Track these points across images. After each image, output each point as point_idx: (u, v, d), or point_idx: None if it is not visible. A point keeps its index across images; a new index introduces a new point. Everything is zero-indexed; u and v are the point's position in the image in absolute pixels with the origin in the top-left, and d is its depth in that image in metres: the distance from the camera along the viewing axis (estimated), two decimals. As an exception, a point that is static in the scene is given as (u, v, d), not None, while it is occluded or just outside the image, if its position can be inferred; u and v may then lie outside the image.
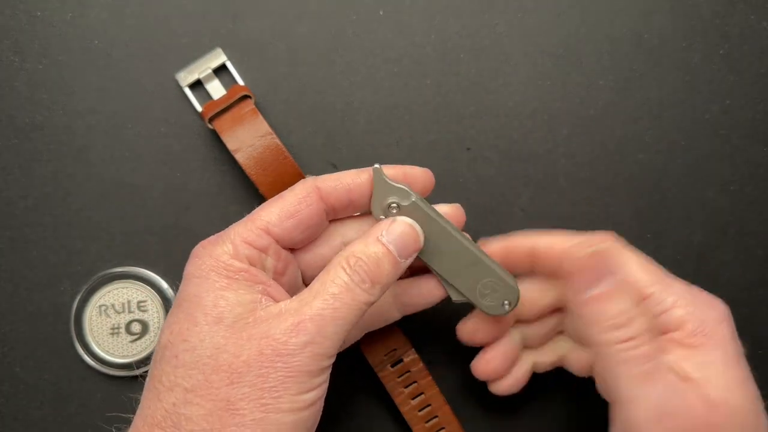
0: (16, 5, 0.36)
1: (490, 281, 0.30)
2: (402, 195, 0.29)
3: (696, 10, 0.37)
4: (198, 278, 0.26)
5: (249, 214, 0.28)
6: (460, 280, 0.30)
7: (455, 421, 0.35)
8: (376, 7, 0.36)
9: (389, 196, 0.29)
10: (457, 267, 0.30)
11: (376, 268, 0.27)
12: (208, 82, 0.36)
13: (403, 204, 0.29)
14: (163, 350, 0.26)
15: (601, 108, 0.37)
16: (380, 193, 0.29)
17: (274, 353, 0.24)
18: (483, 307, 0.30)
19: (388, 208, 0.29)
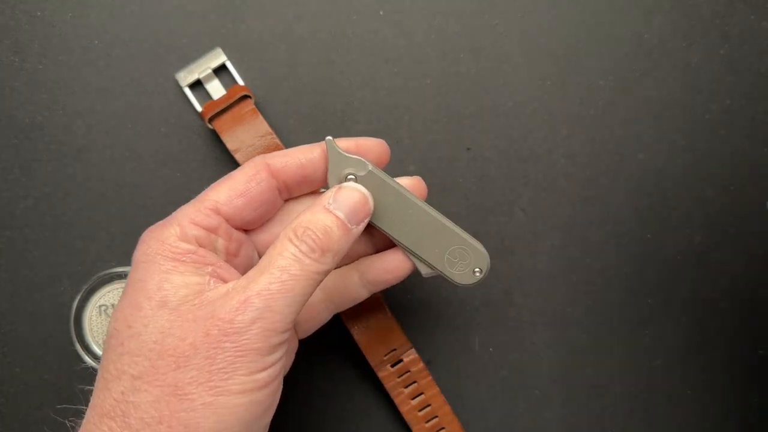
0: (16, 5, 0.36)
1: (458, 249, 0.29)
2: (358, 165, 0.28)
3: (696, 10, 0.37)
4: (144, 263, 0.26)
5: (198, 196, 0.28)
6: (427, 250, 0.29)
7: (455, 421, 0.35)
8: (376, 7, 0.36)
9: (345, 168, 0.28)
10: (423, 236, 0.29)
11: (325, 236, 0.26)
12: (208, 82, 0.36)
13: (359, 174, 0.28)
14: (110, 339, 0.25)
15: (601, 108, 0.37)
16: (335, 165, 0.28)
17: (220, 333, 0.24)
18: (453, 277, 0.30)
19: (345, 180, 0.28)
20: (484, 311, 0.36)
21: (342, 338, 0.36)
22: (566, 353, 0.36)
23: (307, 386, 0.36)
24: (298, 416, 0.36)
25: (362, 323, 0.34)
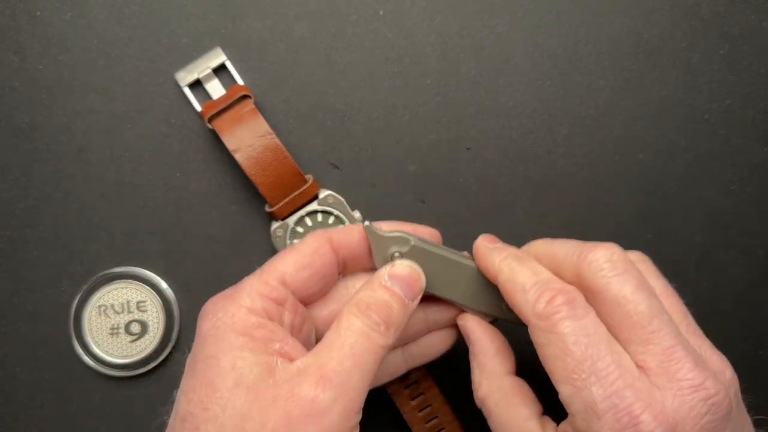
0: (16, 5, 0.36)
1: None
2: (401, 242, 0.29)
3: (696, 10, 0.37)
4: (213, 337, 0.24)
5: (261, 267, 0.27)
6: (483, 302, 0.30)
7: (456, 422, 0.35)
8: (376, 7, 0.36)
9: (389, 248, 0.29)
10: (476, 291, 0.30)
11: (387, 310, 0.26)
12: (207, 82, 0.36)
13: (403, 250, 0.29)
14: (183, 423, 0.24)
15: (601, 108, 0.37)
16: (378, 247, 0.29)
17: (302, 414, 0.23)
18: (513, 319, 0.29)
19: (391, 258, 0.29)
20: (484, 311, 0.36)
21: (342, 338, 0.36)
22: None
23: (306, 386, 0.36)
24: (298, 416, 0.36)
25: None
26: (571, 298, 0.25)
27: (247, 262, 0.36)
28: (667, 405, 0.23)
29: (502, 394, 0.27)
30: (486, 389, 0.28)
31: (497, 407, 0.27)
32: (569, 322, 0.24)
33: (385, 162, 0.37)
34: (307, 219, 0.35)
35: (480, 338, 0.29)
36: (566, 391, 0.24)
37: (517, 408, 0.27)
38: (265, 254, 0.36)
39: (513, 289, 0.26)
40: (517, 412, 0.27)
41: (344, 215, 0.35)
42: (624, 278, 0.24)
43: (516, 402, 0.27)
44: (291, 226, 0.35)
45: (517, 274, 0.27)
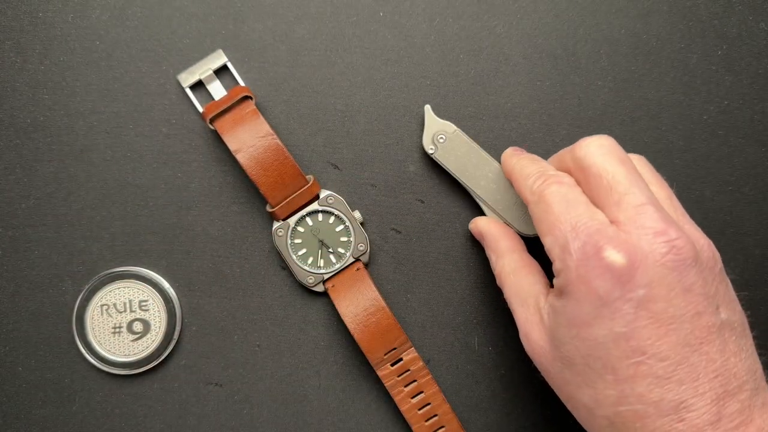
0: (18, 6, 0.36)
1: (523, 203, 0.35)
2: (447, 127, 0.35)
3: (694, 11, 0.37)
4: None
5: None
6: (496, 201, 0.35)
7: (455, 420, 0.35)
8: (376, 9, 0.37)
9: (437, 130, 0.35)
10: (493, 189, 0.35)
11: None
12: (209, 83, 0.36)
13: (449, 133, 0.35)
14: None
15: (600, 108, 0.37)
16: (429, 127, 0.35)
17: None
18: (517, 226, 0.35)
19: (436, 138, 0.35)
20: (483, 310, 0.37)
21: (342, 337, 0.36)
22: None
23: (306, 385, 0.36)
24: (299, 415, 0.36)
25: (362, 322, 0.34)
26: (560, 178, 0.29)
27: (248, 261, 0.36)
28: (631, 241, 0.26)
29: (513, 267, 0.32)
30: (501, 265, 0.32)
31: (510, 276, 0.31)
32: (554, 188, 0.28)
33: (385, 162, 0.37)
34: (308, 219, 0.35)
35: (491, 229, 0.34)
36: (548, 242, 0.28)
37: (527, 276, 0.31)
38: (265, 254, 0.36)
39: (520, 179, 0.31)
40: (526, 278, 0.31)
41: (344, 215, 0.35)
42: (608, 156, 0.28)
43: (526, 272, 0.31)
44: (292, 226, 0.35)
45: (526, 168, 0.31)
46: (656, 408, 0.25)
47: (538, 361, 0.29)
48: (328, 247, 0.36)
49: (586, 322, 0.26)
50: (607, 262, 0.25)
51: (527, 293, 0.30)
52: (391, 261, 0.37)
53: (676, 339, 0.26)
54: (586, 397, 0.27)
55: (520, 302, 0.30)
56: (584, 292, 0.26)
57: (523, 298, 0.30)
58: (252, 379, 0.36)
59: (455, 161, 0.35)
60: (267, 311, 0.36)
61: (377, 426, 0.36)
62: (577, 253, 0.26)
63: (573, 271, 0.26)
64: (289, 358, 0.36)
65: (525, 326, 0.30)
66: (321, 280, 0.35)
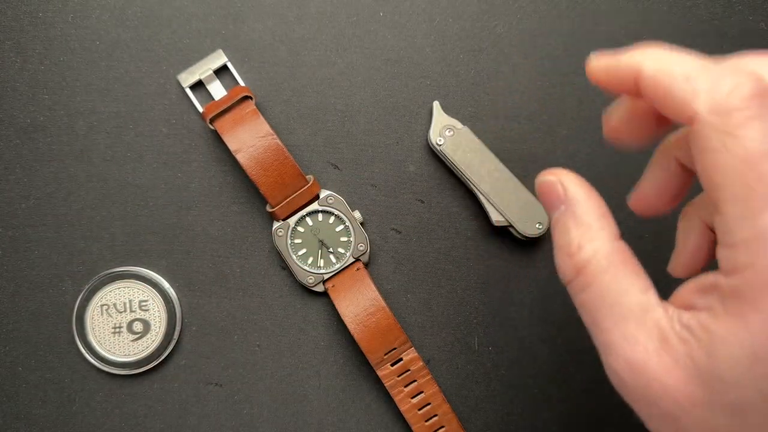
0: (18, 6, 0.36)
1: (526, 203, 0.35)
2: (455, 124, 0.36)
3: (694, 11, 0.37)
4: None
5: None
6: (500, 200, 0.35)
7: (455, 420, 0.35)
8: (376, 9, 0.37)
9: (444, 125, 0.36)
10: (497, 187, 0.35)
11: None
12: (209, 83, 0.36)
13: (457, 129, 0.35)
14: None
15: (600, 109, 0.37)
16: (437, 123, 0.36)
17: None
18: (518, 226, 0.35)
19: (444, 133, 0.36)
20: (483, 310, 0.37)
21: (342, 337, 0.36)
22: (565, 352, 0.36)
23: (306, 385, 0.36)
24: (298, 415, 0.36)
25: (362, 322, 0.34)
26: (764, 89, 0.18)
27: (248, 261, 0.36)
28: None
29: (611, 260, 0.21)
30: (590, 252, 0.21)
31: (605, 274, 0.21)
32: (759, 124, 0.18)
33: (385, 162, 0.37)
34: (308, 219, 0.35)
35: (582, 196, 0.23)
36: (735, 212, 0.18)
37: (630, 277, 0.21)
38: (265, 254, 0.36)
39: (667, 81, 0.20)
40: (631, 282, 0.21)
41: (344, 215, 0.35)
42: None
43: (629, 270, 0.21)
44: (292, 226, 0.35)
45: (671, 63, 0.20)
46: None
47: (650, 398, 0.20)
48: (328, 247, 0.36)
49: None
50: None
51: (636, 303, 0.21)
52: (391, 261, 0.37)
53: None
54: None
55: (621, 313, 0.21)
56: None
57: (629, 309, 0.21)
58: (252, 379, 0.36)
59: (461, 156, 0.35)
60: (267, 311, 0.36)
61: (377, 426, 0.36)
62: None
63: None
64: (289, 358, 0.36)
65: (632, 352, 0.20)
66: (321, 280, 0.35)
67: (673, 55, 0.20)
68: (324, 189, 0.36)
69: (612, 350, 0.21)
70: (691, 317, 0.20)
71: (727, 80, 0.19)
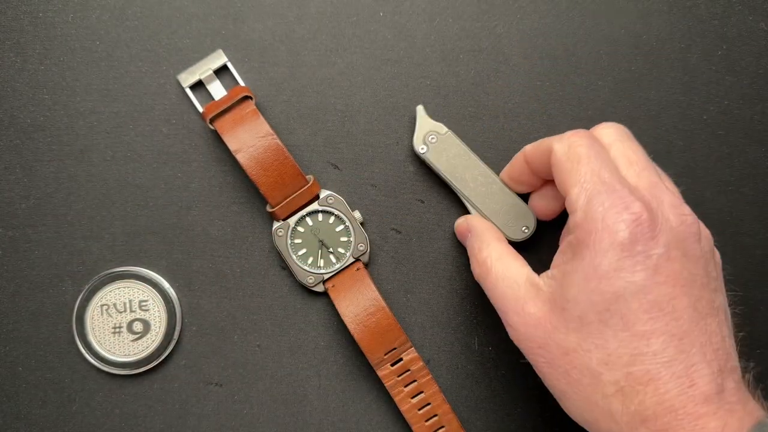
0: (18, 6, 0.36)
1: (512, 207, 0.35)
2: (439, 128, 0.35)
3: (694, 11, 0.37)
4: None
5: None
6: (485, 205, 0.35)
7: (455, 420, 0.35)
8: (376, 9, 0.37)
9: (428, 130, 0.35)
10: (483, 193, 0.35)
11: None
12: (209, 83, 0.36)
13: (440, 134, 0.35)
14: None
15: (600, 108, 0.37)
16: (421, 127, 0.35)
17: None
18: (504, 230, 0.35)
19: (427, 138, 0.35)
20: (483, 310, 0.37)
21: (342, 337, 0.36)
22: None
23: (306, 385, 0.36)
24: (298, 415, 0.36)
25: (362, 322, 0.34)
26: (591, 136, 0.30)
27: (248, 261, 0.36)
28: (653, 204, 0.27)
29: (499, 254, 0.32)
30: (486, 252, 0.32)
31: (497, 263, 0.31)
32: (586, 141, 0.29)
33: (385, 162, 0.37)
34: (308, 219, 0.35)
35: (480, 223, 0.34)
36: (574, 192, 0.28)
37: (514, 261, 0.31)
38: (265, 254, 0.36)
39: (547, 139, 0.31)
40: (514, 263, 0.31)
41: (344, 215, 0.35)
42: (630, 138, 0.31)
43: (513, 257, 0.31)
44: (292, 226, 0.35)
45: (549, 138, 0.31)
46: (668, 369, 0.26)
47: (532, 335, 0.28)
48: (328, 247, 0.36)
49: (606, 273, 0.26)
50: (635, 215, 0.26)
51: (517, 274, 0.30)
52: (391, 261, 0.37)
53: (688, 302, 0.26)
54: (594, 361, 0.27)
55: (509, 284, 0.30)
56: (608, 242, 0.26)
57: (513, 279, 0.30)
58: (252, 379, 0.36)
59: (445, 162, 0.35)
60: (267, 311, 0.36)
61: (377, 426, 0.36)
62: (606, 203, 0.27)
63: (599, 221, 0.26)
64: (289, 358, 0.36)
65: (516, 304, 0.29)
66: (321, 280, 0.35)
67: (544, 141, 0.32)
68: (324, 189, 0.36)
69: (506, 308, 0.30)
70: (555, 270, 0.29)
71: (570, 133, 0.30)
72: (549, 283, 0.29)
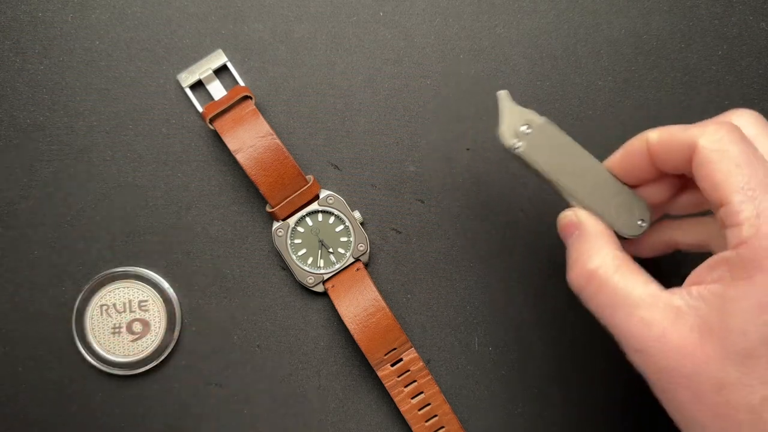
0: (18, 6, 0.36)
1: (623, 199, 0.30)
2: (533, 117, 0.29)
3: (694, 11, 0.37)
4: None
5: None
6: (594, 199, 0.29)
7: (455, 420, 0.35)
8: (376, 9, 0.37)
9: (520, 120, 0.29)
10: (591, 186, 0.29)
11: None
12: (209, 83, 0.36)
13: (536, 122, 0.29)
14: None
15: (600, 109, 0.37)
16: (510, 118, 0.29)
17: None
18: (618, 227, 0.29)
19: (519, 130, 0.29)
20: (483, 310, 0.37)
21: (342, 337, 0.36)
22: (566, 352, 0.36)
23: (306, 385, 0.36)
24: (299, 415, 0.36)
25: (362, 322, 0.34)
26: (742, 135, 0.25)
27: (248, 261, 0.36)
28: None
29: (617, 264, 0.27)
30: (599, 260, 0.27)
31: (614, 275, 0.26)
32: (742, 139, 0.25)
33: (385, 162, 0.37)
34: (308, 219, 0.35)
35: (590, 221, 0.29)
36: (737, 200, 0.24)
37: (636, 275, 0.26)
38: (265, 254, 0.36)
39: (687, 129, 0.26)
40: (636, 279, 0.26)
41: (344, 215, 0.35)
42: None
43: (634, 270, 0.26)
44: (292, 226, 0.35)
45: (688, 127, 0.27)
46: None
47: (677, 366, 0.24)
48: (328, 247, 0.36)
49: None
50: None
51: (644, 292, 0.25)
52: (391, 261, 0.37)
53: None
54: (757, 399, 0.23)
55: (633, 303, 0.25)
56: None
57: (639, 298, 0.25)
58: (252, 379, 0.36)
59: (546, 156, 0.29)
60: (267, 311, 0.36)
61: (377, 426, 0.36)
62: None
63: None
64: (289, 358, 0.36)
65: (651, 330, 0.25)
66: (321, 281, 0.35)
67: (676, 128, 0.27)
68: (324, 189, 0.36)
69: (632, 334, 0.25)
70: (703, 289, 0.24)
71: (717, 125, 0.26)
72: (695, 305, 0.24)
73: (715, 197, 0.25)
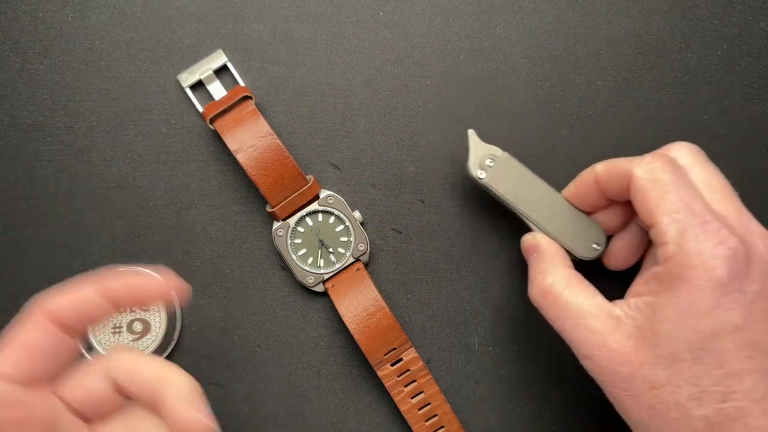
0: (18, 6, 0.36)
1: (579, 225, 0.33)
2: (495, 151, 0.34)
3: (694, 11, 0.37)
4: None
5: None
6: (552, 225, 0.33)
7: (455, 420, 0.35)
8: (376, 9, 0.37)
9: (484, 154, 0.33)
10: (548, 213, 0.33)
11: None
12: (209, 83, 0.36)
13: (497, 157, 0.33)
14: None
15: (600, 108, 0.37)
16: (476, 152, 0.34)
17: None
18: (574, 249, 0.33)
19: (484, 163, 0.33)
20: (483, 310, 0.37)
21: (342, 337, 0.36)
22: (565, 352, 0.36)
23: (306, 385, 0.36)
24: (299, 415, 0.36)
25: (362, 322, 0.34)
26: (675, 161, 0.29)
27: (248, 261, 0.36)
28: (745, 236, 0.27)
29: (568, 281, 0.30)
30: (552, 278, 0.30)
31: (565, 290, 0.30)
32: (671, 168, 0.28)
33: (385, 162, 0.37)
34: (308, 219, 0.35)
35: (546, 244, 0.32)
36: (664, 222, 0.27)
37: (584, 290, 0.29)
38: (265, 254, 0.36)
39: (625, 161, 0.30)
40: (584, 293, 0.29)
41: (344, 215, 0.35)
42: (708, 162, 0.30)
43: (583, 285, 0.30)
44: (292, 226, 0.35)
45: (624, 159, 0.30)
46: (759, 405, 0.25)
47: (616, 370, 0.27)
48: (328, 247, 0.36)
49: (703, 311, 0.25)
50: (731, 251, 0.25)
51: (590, 305, 0.29)
52: (391, 261, 0.37)
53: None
54: (684, 397, 0.26)
55: (581, 315, 0.28)
56: (705, 278, 0.25)
57: (586, 310, 0.29)
58: (252, 379, 0.36)
59: (506, 186, 0.33)
60: (267, 311, 0.36)
61: (377, 426, 0.36)
62: (700, 237, 0.26)
63: (695, 256, 0.26)
64: (289, 358, 0.36)
65: (594, 337, 0.28)
66: (321, 280, 0.35)
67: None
68: (324, 189, 0.36)
69: (580, 342, 0.28)
70: (638, 300, 0.28)
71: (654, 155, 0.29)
72: (632, 315, 0.28)
73: (648, 220, 0.28)
